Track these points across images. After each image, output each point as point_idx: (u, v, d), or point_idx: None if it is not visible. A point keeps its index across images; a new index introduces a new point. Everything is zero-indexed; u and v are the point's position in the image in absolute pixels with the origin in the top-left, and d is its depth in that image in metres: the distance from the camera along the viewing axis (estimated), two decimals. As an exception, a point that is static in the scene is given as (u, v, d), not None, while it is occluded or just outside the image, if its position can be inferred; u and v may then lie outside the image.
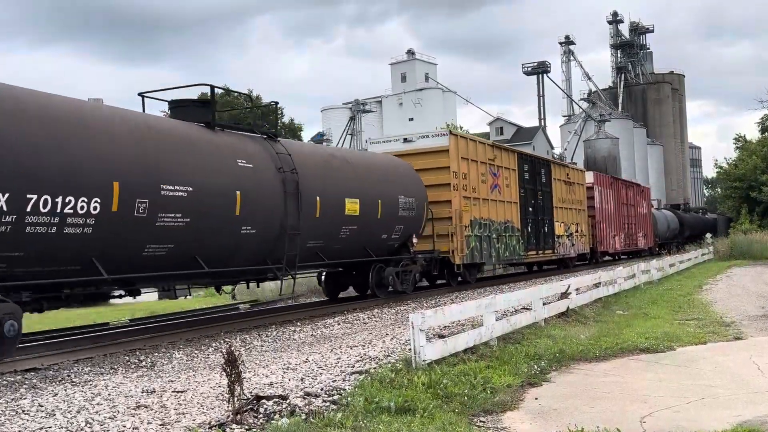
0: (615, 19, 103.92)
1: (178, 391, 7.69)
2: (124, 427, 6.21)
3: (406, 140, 20.94)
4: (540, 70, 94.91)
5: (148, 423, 6.30)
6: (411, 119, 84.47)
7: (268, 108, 70.57)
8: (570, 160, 64.42)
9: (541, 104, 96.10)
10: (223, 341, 11.87)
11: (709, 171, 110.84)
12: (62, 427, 6.29)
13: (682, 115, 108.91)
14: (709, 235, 48.98)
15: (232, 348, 6.73)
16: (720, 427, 6.26)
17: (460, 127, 66.63)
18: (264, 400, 6.66)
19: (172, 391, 7.70)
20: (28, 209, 9.10)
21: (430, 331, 9.63)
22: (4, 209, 8.84)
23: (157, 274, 11.41)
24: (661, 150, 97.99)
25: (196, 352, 11.00)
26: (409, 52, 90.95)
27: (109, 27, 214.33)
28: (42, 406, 7.19)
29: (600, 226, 33.96)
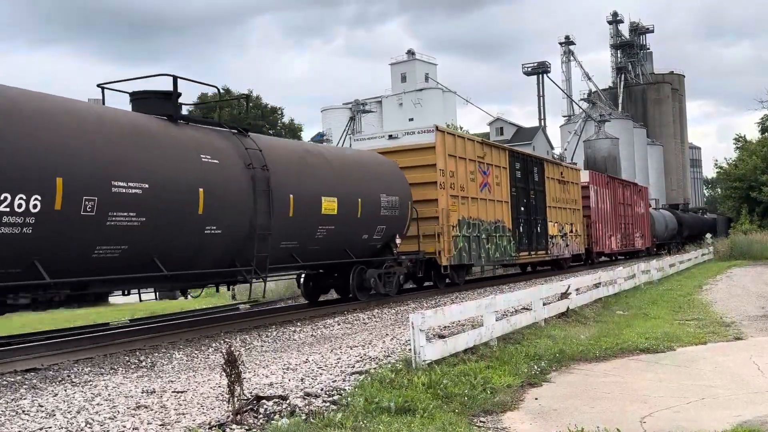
0: (615, 20, 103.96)
1: (178, 392, 7.69)
2: (124, 427, 6.22)
3: (391, 137, 20.36)
4: (540, 70, 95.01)
5: (148, 423, 6.31)
6: (411, 119, 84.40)
7: (270, 108, 70.86)
8: (570, 161, 64.45)
9: (541, 104, 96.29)
10: (223, 341, 11.86)
11: (709, 171, 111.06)
12: (62, 428, 6.29)
13: (682, 115, 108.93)
14: (709, 235, 48.98)
15: (232, 348, 6.73)
16: (720, 428, 6.26)
17: (460, 127, 66.58)
18: (264, 401, 6.67)
19: (172, 392, 7.71)
20: None
21: (430, 331, 9.63)
22: None
23: (110, 277, 10.70)
24: (661, 150, 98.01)
25: (196, 352, 11.00)
26: (409, 53, 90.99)
27: (109, 27, 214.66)
28: (42, 407, 7.20)
29: (595, 226, 33.48)
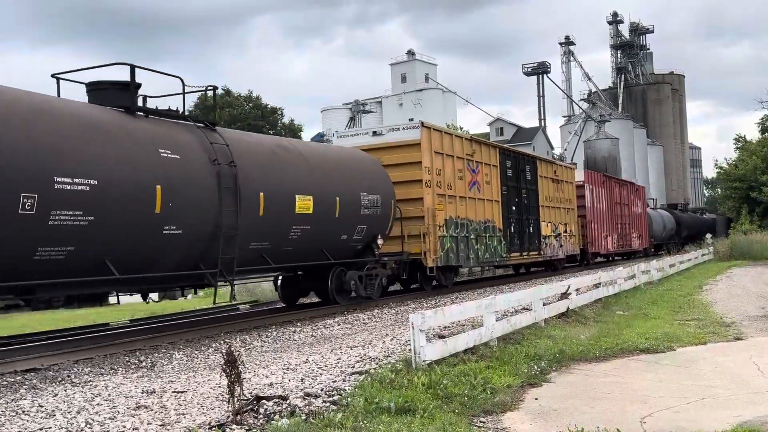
0: (615, 20, 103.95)
1: (178, 392, 7.69)
2: (124, 427, 6.22)
3: (375, 133, 19.68)
4: (540, 70, 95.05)
5: (148, 423, 6.31)
6: (411, 120, 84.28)
7: (270, 108, 70.84)
8: (570, 161, 64.47)
9: (541, 105, 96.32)
10: (223, 342, 11.86)
11: (709, 171, 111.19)
12: (62, 428, 6.29)
13: (682, 115, 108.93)
14: (709, 235, 48.98)
15: (232, 348, 6.73)
16: (720, 428, 6.26)
17: (460, 128, 66.58)
18: (264, 401, 6.67)
19: (172, 392, 7.71)
20: None
21: (430, 331, 9.63)
22: None
23: (57, 281, 9.91)
24: (661, 150, 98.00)
25: (196, 352, 11.00)
26: (409, 53, 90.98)
27: (109, 27, 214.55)
28: (42, 407, 7.20)
29: (591, 226, 32.89)
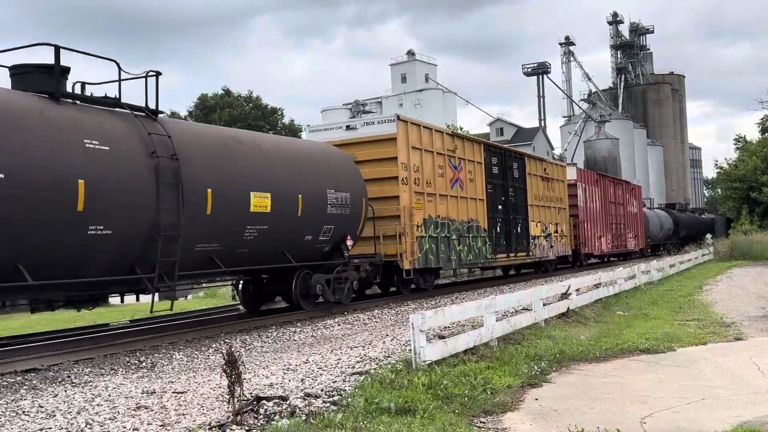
0: (615, 20, 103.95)
1: (179, 392, 7.69)
2: (125, 428, 6.22)
3: (349, 128, 18.74)
4: (540, 70, 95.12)
5: (148, 424, 6.31)
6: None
7: (270, 108, 70.72)
8: (570, 161, 64.42)
9: (541, 105, 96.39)
10: (223, 342, 11.86)
11: (710, 171, 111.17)
12: (62, 428, 6.29)
13: (682, 115, 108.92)
14: (709, 235, 48.97)
15: (233, 349, 6.73)
16: (720, 428, 6.25)
17: (461, 128, 66.52)
18: (264, 401, 6.67)
19: (173, 392, 7.71)
20: None
21: (430, 331, 9.63)
22: None
23: None
24: (661, 150, 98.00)
25: (197, 353, 11.01)
26: (409, 53, 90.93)
27: (109, 28, 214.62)
28: (42, 407, 7.20)
29: (583, 226, 32.05)
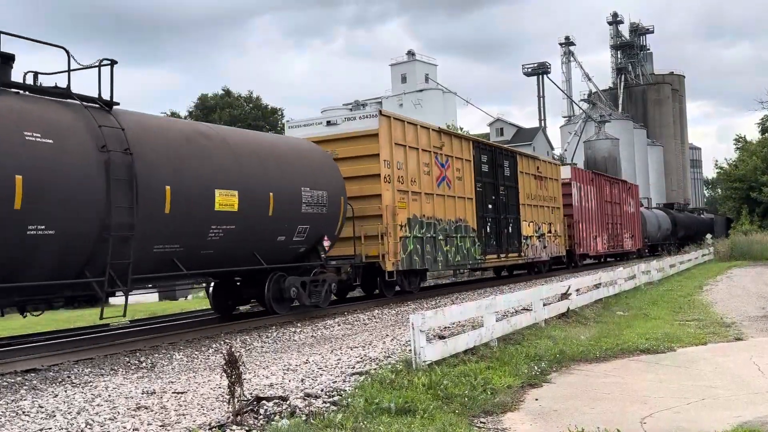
0: (615, 20, 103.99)
1: (179, 392, 7.69)
2: (125, 428, 6.22)
3: (329, 123, 18.05)
4: (540, 70, 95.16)
5: (148, 424, 6.31)
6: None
7: (270, 108, 70.75)
8: (570, 161, 64.51)
9: (541, 105, 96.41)
10: (223, 342, 11.87)
11: (710, 172, 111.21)
12: (62, 429, 6.29)
13: (682, 115, 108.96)
14: (709, 235, 48.96)
15: (233, 349, 6.73)
16: (720, 428, 6.25)
17: (460, 128, 66.53)
18: (264, 401, 6.67)
19: (173, 392, 7.71)
20: None
21: (431, 332, 9.64)
22: None
23: None
24: (662, 150, 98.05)
25: (197, 353, 11.01)
26: (409, 53, 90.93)
27: (109, 28, 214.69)
28: (42, 407, 7.20)
29: (578, 226, 31.29)
